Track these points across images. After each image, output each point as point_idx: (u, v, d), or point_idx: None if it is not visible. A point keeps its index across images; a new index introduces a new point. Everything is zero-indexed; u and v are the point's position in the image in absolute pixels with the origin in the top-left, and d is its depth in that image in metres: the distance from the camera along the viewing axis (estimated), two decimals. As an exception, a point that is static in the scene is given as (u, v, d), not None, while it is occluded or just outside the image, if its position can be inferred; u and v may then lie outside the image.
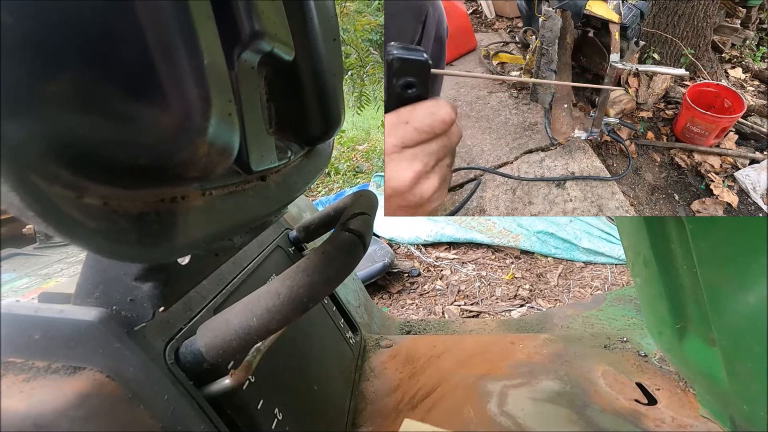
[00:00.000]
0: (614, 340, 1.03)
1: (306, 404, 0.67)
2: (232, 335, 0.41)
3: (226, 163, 0.31)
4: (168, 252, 0.31)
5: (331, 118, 0.52)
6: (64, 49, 0.21)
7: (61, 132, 0.22)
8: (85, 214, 0.23)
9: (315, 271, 0.41)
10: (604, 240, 2.12)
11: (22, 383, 0.39)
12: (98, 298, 0.43)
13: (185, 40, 0.24)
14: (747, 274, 0.59)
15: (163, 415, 0.42)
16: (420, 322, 1.36)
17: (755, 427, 0.67)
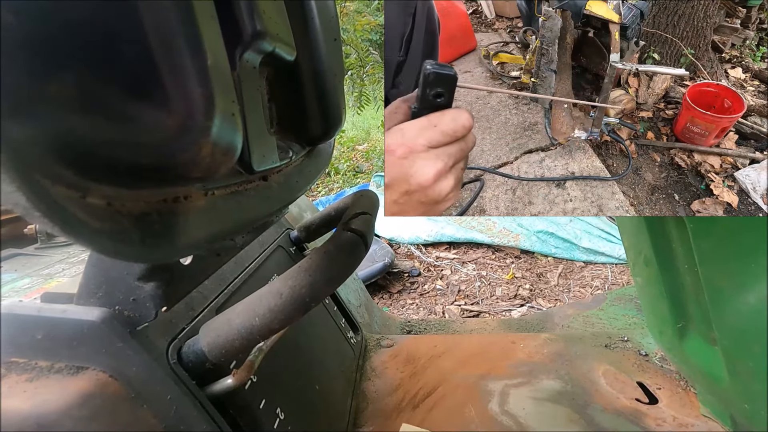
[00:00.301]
0: (615, 339, 1.03)
1: (308, 404, 0.67)
2: (234, 335, 0.41)
3: (230, 163, 0.31)
4: (170, 252, 0.31)
5: (331, 118, 0.52)
6: (67, 49, 0.21)
7: (64, 132, 0.22)
8: (88, 214, 0.23)
9: (317, 270, 0.41)
10: (604, 239, 2.12)
11: (25, 383, 0.39)
12: (101, 298, 0.43)
13: (189, 40, 0.24)
14: (748, 274, 0.59)
15: (166, 414, 0.42)
16: (420, 322, 1.36)
17: (756, 426, 0.67)
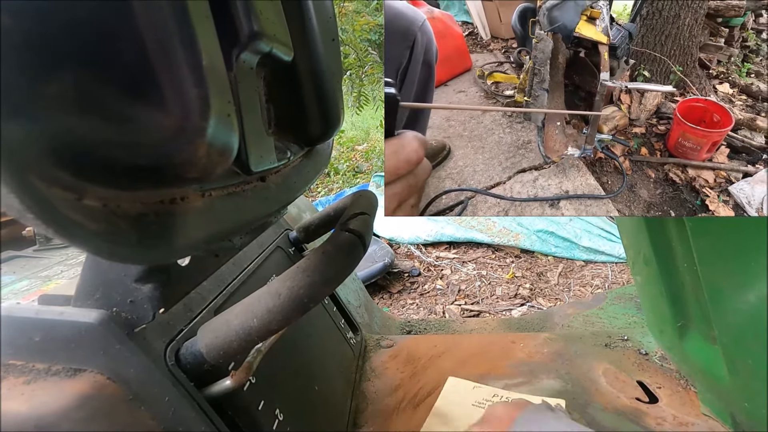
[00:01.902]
0: (615, 338, 1.03)
1: (307, 405, 0.67)
2: (232, 336, 0.41)
3: (225, 164, 0.31)
4: (168, 253, 0.31)
5: (330, 118, 0.52)
6: (63, 50, 0.21)
7: (59, 133, 0.22)
8: (84, 216, 0.23)
9: (315, 271, 0.41)
10: (604, 239, 2.12)
11: (23, 385, 0.39)
12: (98, 299, 0.43)
13: (183, 41, 0.24)
14: (747, 273, 0.59)
15: (164, 416, 0.42)
16: (420, 322, 1.36)
17: (756, 425, 0.67)
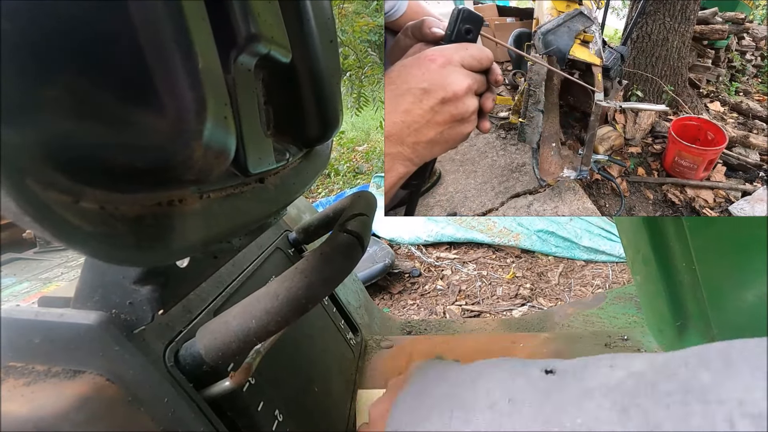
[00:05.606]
0: (615, 338, 1.03)
1: (307, 405, 0.67)
2: (231, 337, 0.41)
3: (223, 166, 0.31)
4: (166, 255, 0.31)
5: (329, 119, 0.52)
6: (58, 53, 0.21)
7: (55, 136, 0.22)
8: (81, 219, 0.23)
9: (313, 272, 0.41)
10: (604, 238, 2.12)
11: (22, 387, 0.39)
12: (97, 301, 0.43)
13: (179, 43, 0.24)
14: (746, 271, 0.59)
15: (164, 417, 0.42)
16: (421, 323, 1.36)
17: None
